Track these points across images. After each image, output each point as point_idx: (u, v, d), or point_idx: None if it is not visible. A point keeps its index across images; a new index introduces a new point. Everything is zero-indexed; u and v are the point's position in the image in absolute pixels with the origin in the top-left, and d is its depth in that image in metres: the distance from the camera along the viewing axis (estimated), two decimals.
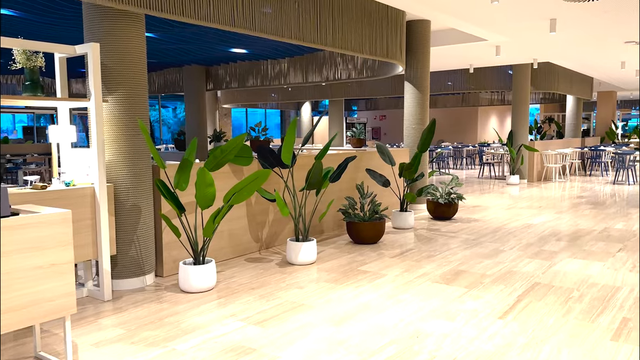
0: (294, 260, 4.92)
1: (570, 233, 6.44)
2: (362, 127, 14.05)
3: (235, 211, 5.20)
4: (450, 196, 7.43)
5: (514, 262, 5.03)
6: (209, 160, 4.18)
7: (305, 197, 5.08)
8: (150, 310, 3.74)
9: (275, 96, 17.85)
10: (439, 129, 25.16)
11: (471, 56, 10.58)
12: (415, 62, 8.19)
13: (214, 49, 9.33)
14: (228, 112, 25.62)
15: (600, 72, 13.73)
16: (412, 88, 8.26)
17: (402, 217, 6.77)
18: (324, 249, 5.62)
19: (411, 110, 8.30)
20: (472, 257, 5.26)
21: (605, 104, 19.52)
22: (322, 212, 6.40)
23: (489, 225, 7.03)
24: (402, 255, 5.32)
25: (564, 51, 10.15)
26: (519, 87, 12.16)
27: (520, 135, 12.23)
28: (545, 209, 8.32)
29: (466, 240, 6.07)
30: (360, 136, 14.05)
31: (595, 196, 9.85)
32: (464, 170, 16.44)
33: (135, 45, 4.15)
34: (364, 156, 7.20)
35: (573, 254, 5.34)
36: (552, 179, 13.06)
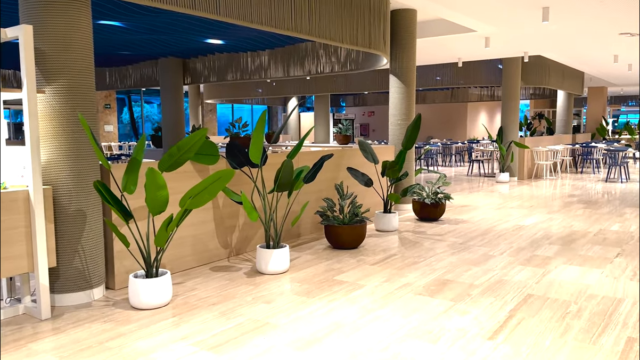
0: (263, 269, 4.46)
1: (563, 236, 6.04)
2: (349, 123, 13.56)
3: (200, 215, 4.73)
4: (437, 196, 7.01)
5: (504, 270, 4.61)
6: (163, 160, 3.70)
7: (277, 199, 4.62)
8: (92, 332, 3.27)
9: (261, 91, 17.35)
10: (428, 125, 24.78)
11: (460, 49, 10.16)
12: (401, 54, 7.75)
13: (189, 39, 8.82)
14: (213, 108, 25.07)
15: (592, 67, 13.39)
16: (397, 82, 7.82)
17: (385, 219, 6.33)
18: (300, 254, 5.17)
19: (396, 105, 7.86)
20: (459, 263, 4.83)
21: (595, 100, 19.23)
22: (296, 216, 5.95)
23: (477, 226, 6.61)
24: (384, 262, 4.88)
25: (556, 43, 9.77)
26: (509, 81, 11.77)
27: (510, 131, 11.85)
28: (536, 209, 7.93)
29: (453, 244, 5.64)
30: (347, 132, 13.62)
31: (587, 195, 9.49)
32: (453, 167, 16.07)
33: (80, 30, 3.65)
34: (346, 154, 6.75)
35: (568, 260, 4.93)
36: (542, 177, 12.70)
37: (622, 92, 22.77)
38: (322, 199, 5.48)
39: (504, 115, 11.90)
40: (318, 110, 16.59)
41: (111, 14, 6.69)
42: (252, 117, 28.06)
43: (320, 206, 5.42)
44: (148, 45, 9.44)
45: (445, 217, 7.35)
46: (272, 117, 28.59)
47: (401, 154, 6.43)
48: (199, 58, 10.88)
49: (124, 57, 11.01)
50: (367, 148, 6.49)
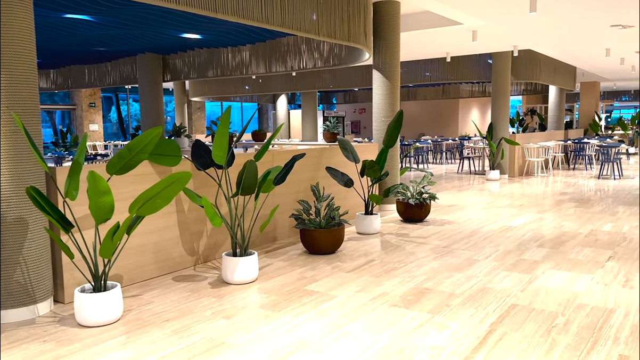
0: (229, 279, 4.14)
1: (553, 237, 5.75)
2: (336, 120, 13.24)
3: (163, 220, 4.40)
4: (422, 196, 6.71)
5: (488, 276, 4.31)
6: (112, 162, 3.38)
7: (245, 203, 4.30)
8: (27, 354, 2.94)
9: (248, 88, 17.00)
10: (419, 122, 24.50)
11: (447, 43, 9.85)
12: (384, 48, 7.43)
13: (165, 34, 8.47)
14: (202, 106, 24.67)
15: (584, 61, 13.12)
16: (380, 77, 7.51)
17: (366, 221, 6.02)
18: (272, 261, 4.85)
19: (380, 101, 7.55)
20: (441, 269, 4.53)
21: (588, 95, 18.99)
22: (265, 220, 5.63)
23: (463, 228, 6.31)
24: (361, 269, 4.57)
25: (546, 37, 9.48)
26: (498, 76, 11.48)
27: (500, 127, 11.56)
28: (526, 208, 7.64)
29: (436, 247, 5.34)
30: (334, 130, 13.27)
31: (579, 192, 9.21)
32: (444, 165, 15.79)
33: (15, 20, 3.31)
34: (326, 153, 6.43)
35: (557, 265, 4.64)
36: (534, 174, 12.43)
37: (614, 87, 22.55)
38: (297, 201, 5.16)
39: (494, 111, 11.61)
40: (305, 108, 16.27)
41: (76, 7, 6.34)
42: (242, 115, 27.69)
43: (296, 209, 5.10)
44: (123, 40, 9.08)
45: (431, 217, 7.05)
46: (262, 115, 28.24)
47: (382, 153, 6.12)
48: (179, 54, 10.53)
49: (101, 54, 10.64)
50: (348, 146, 6.17)
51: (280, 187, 5.67)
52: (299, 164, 5.95)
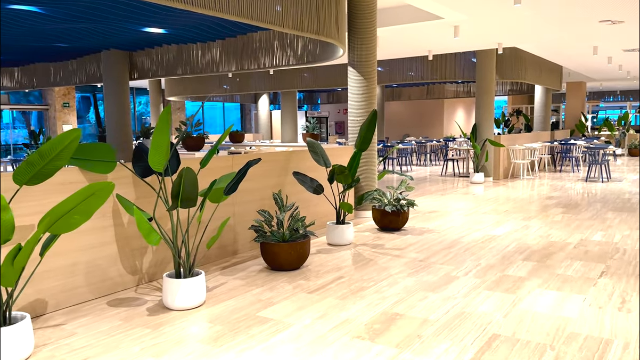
0: (170, 304, 3.60)
1: (539, 249, 5.28)
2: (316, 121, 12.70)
3: (98, 235, 3.84)
4: (400, 203, 6.21)
5: (467, 298, 3.82)
6: (20, 169, 2.83)
7: (191, 215, 3.76)
8: None
9: (227, 87, 16.42)
10: (404, 123, 24.08)
11: (429, 40, 9.38)
12: (359, 43, 6.93)
13: (127, 28, 7.89)
14: (182, 106, 24.01)
15: (571, 60, 12.75)
16: (356, 75, 7.00)
17: (337, 231, 5.51)
18: (227, 280, 4.31)
19: (356, 100, 7.05)
20: (415, 288, 4.03)
21: (574, 95, 18.69)
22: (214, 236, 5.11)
23: (443, 237, 5.82)
24: (325, 289, 4.05)
25: (531, 34, 9.04)
26: (483, 75, 11.04)
27: (484, 128, 11.12)
28: (510, 214, 7.18)
29: (412, 261, 4.84)
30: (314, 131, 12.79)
31: (567, 197, 8.79)
32: (428, 167, 15.34)
33: None
34: (294, 156, 5.91)
35: (544, 282, 4.16)
36: (519, 176, 12.02)
37: (601, 87, 22.31)
38: (257, 211, 4.63)
39: (478, 111, 11.17)
40: (285, 108, 15.73)
41: None
42: (224, 115, 27.08)
43: (256, 220, 4.57)
44: (85, 36, 8.48)
45: (410, 225, 6.56)
46: (245, 115, 27.66)
47: (355, 157, 5.61)
48: (146, 51, 9.94)
49: (65, 51, 10.02)
50: (318, 149, 5.66)
51: (242, 194, 5.14)
52: (263, 169, 5.42)
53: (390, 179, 11.95)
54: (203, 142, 9.98)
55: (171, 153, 3.79)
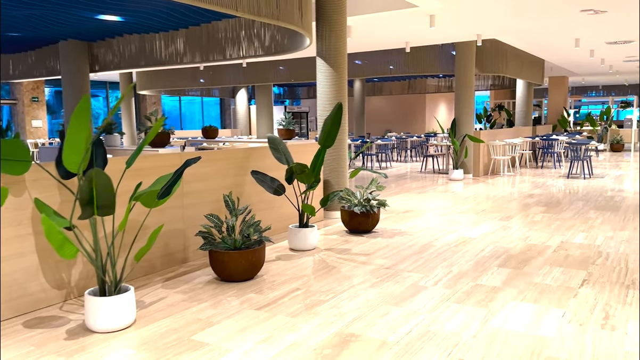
0: (92, 325, 3.13)
1: (517, 253, 4.89)
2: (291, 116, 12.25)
3: (14, 245, 3.35)
4: (369, 203, 5.79)
5: (434, 313, 3.40)
6: None
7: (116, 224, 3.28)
8: None
9: (204, 81, 15.87)
10: (385, 118, 23.70)
11: (405, 31, 8.96)
12: (328, 32, 6.48)
13: (81, 16, 7.34)
14: (157, 101, 23.36)
15: (552, 53, 12.43)
16: (325, 66, 6.55)
17: (300, 235, 5.06)
18: (168, 294, 3.85)
19: (325, 94, 6.60)
20: (378, 302, 3.61)
21: (556, 90, 18.45)
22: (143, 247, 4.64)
23: (415, 241, 5.42)
24: (277, 304, 3.61)
25: (511, 24, 8.66)
26: (462, 69, 10.66)
27: (464, 124, 10.75)
28: (488, 214, 6.80)
29: (379, 269, 4.42)
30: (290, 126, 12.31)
31: (547, 194, 8.45)
32: (409, 163, 14.96)
33: None
34: (255, 154, 5.45)
35: (520, 293, 3.76)
36: (500, 173, 11.69)
37: (583, 82, 22.15)
38: (205, 215, 4.16)
39: (458, 106, 10.79)
40: (260, 102, 15.23)
41: None
42: (203, 111, 26.47)
43: (204, 225, 4.11)
44: (37, 24, 7.91)
45: (381, 227, 6.14)
46: (224, 110, 27.07)
47: (319, 154, 5.17)
48: (107, 42, 9.38)
49: (20, 41, 9.42)
50: (280, 146, 5.21)
51: (193, 196, 4.67)
52: (219, 168, 4.95)
53: (369, 177, 11.54)
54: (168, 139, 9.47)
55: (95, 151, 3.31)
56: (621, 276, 4.13)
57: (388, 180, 10.75)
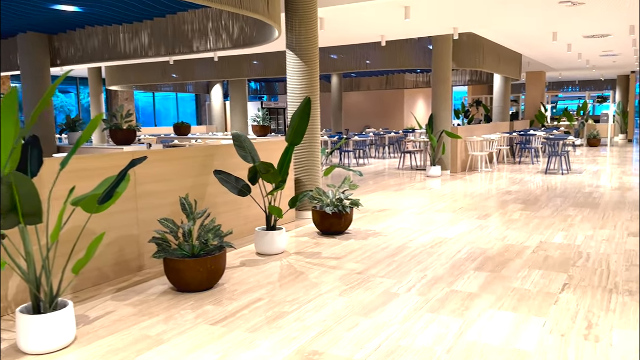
0: (24, 346, 2.78)
1: (494, 254, 4.66)
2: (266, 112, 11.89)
3: None
4: (342, 203, 5.51)
5: (406, 324, 3.14)
6: None
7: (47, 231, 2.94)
8: None
9: (176, 76, 15.40)
10: (364, 113, 23.48)
11: (379, 23, 8.69)
12: (298, 23, 6.17)
13: (37, 6, 6.90)
14: (130, 97, 22.73)
15: (530, 47, 12.30)
16: (295, 59, 6.25)
17: (267, 238, 4.76)
18: (117, 307, 3.51)
19: (296, 88, 6.30)
20: (346, 313, 3.33)
21: (534, 85, 18.42)
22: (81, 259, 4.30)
23: (389, 242, 5.16)
24: (236, 317, 3.30)
25: (488, 17, 8.46)
26: (439, 63, 10.44)
27: (441, 119, 10.54)
28: (465, 212, 6.59)
29: (349, 274, 4.14)
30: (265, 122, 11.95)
31: (525, 191, 8.28)
32: (387, 159, 14.74)
33: None
34: (219, 152, 5.12)
35: (497, 300, 3.52)
36: (477, 169, 11.52)
37: (560, 77, 22.21)
38: (159, 219, 3.83)
39: (435, 101, 10.58)
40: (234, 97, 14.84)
41: None
42: (178, 107, 25.91)
43: (157, 230, 3.78)
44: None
45: (355, 227, 5.87)
46: (200, 106, 26.56)
47: (287, 152, 4.87)
48: (68, 34, 8.92)
49: None
50: (245, 143, 4.89)
51: (148, 198, 4.33)
52: (179, 167, 4.62)
53: (345, 175, 11.27)
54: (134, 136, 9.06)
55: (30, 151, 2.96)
56: (603, 279, 3.92)
57: (365, 177, 10.50)
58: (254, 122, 13.29)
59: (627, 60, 15.50)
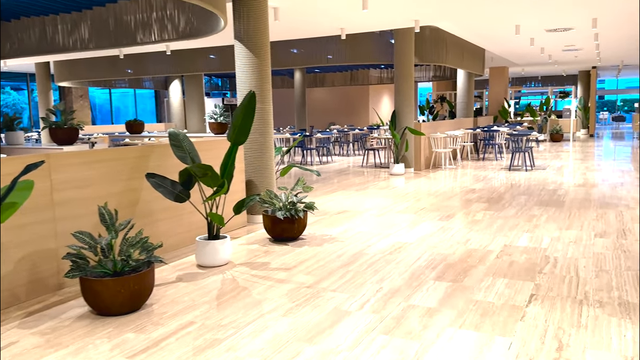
0: None
1: (456, 261, 4.32)
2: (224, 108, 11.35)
3: None
4: (295, 207, 5.08)
5: (356, 350, 2.73)
6: None
7: None
8: None
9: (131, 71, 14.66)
10: (329, 110, 23.10)
11: (337, 15, 8.28)
12: (246, 12, 5.70)
13: None
14: (85, 94, 21.77)
15: (492, 41, 12.11)
16: (244, 50, 5.78)
17: (209, 249, 4.29)
18: (21, 336, 2.99)
19: (246, 82, 5.83)
20: (288, 337, 2.90)
21: (497, 81, 18.37)
22: None
23: (346, 248, 4.76)
24: (159, 348, 2.83)
25: (449, 9, 8.15)
26: (401, 58, 10.11)
27: (404, 116, 10.22)
28: (427, 213, 6.25)
29: (298, 288, 3.72)
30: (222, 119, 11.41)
31: (489, 189, 8.02)
32: (351, 157, 14.38)
33: None
34: (156, 153, 4.62)
35: (458, 316, 3.15)
36: (442, 166, 11.27)
37: (523, 72, 22.31)
38: (73, 233, 3.32)
39: (398, 97, 10.25)
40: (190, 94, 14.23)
41: None
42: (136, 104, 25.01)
43: (72, 245, 3.28)
44: None
45: (310, 232, 5.46)
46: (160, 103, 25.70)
47: (230, 152, 4.40)
48: (2, 25, 8.19)
49: None
50: (183, 143, 4.40)
51: (68, 207, 3.80)
52: (107, 170, 4.10)
53: (304, 175, 10.84)
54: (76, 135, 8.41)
55: None
56: (572, 288, 3.61)
57: (327, 176, 10.10)
58: (210, 120, 12.73)
59: (589, 55, 15.55)
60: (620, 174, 9.31)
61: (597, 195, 7.20)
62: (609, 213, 6.04)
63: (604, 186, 7.98)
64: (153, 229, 4.58)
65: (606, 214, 6.02)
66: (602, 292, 3.52)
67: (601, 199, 6.96)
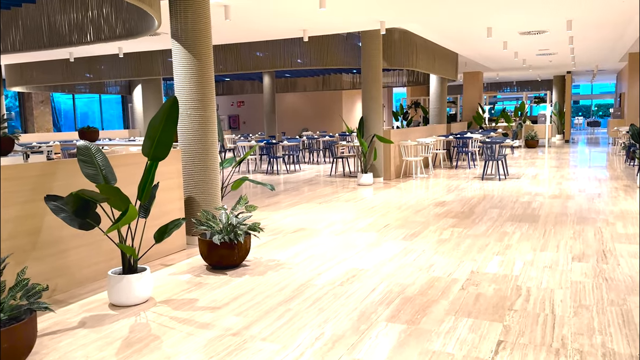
0: None
1: (415, 293, 3.71)
2: None
3: None
4: (235, 229, 4.43)
5: None
6: None
7: None
8: None
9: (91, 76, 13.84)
10: (302, 116, 22.48)
11: (296, 15, 7.68)
12: (183, 8, 5.06)
13: None
14: (46, 99, 20.77)
15: (464, 45, 11.65)
16: (182, 51, 5.13)
17: (122, 285, 3.61)
18: None
19: (183, 86, 5.17)
20: None
21: (471, 86, 18.00)
22: None
23: (291, 278, 4.13)
24: None
25: (416, 9, 7.61)
26: (368, 61, 9.56)
27: (373, 122, 9.66)
28: (391, 231, 5.66)
29: (222, 336, 3.07)
30: None
31: (460, 201, 7.48)
32: (321, 165, 13.77)
33: None
34: (65, 169, 3.93)
35: None
36: (412, 176, 10.73)
37: (497, 77, 22.02)
38: None
39: (365, 103, 9.69)
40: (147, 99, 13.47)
41: None
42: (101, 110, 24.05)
43: None
44: None
45: (256, 257, 4.81)
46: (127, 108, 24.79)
47: (149, 170, 3.74)
48: None
49: None
50: (96, 159, 3.72)
51: None
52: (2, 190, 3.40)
53: (261, 190, 10.18)
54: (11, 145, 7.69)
55: None
56: (547, 331, 3.03)
57: (290, 187, 9.47)
58: None
59: (563, 60, 15.24)
60: (597, 183, 8.88)
61: (573, 209, 6.70)
62: (586, 230, 5.53)
63: (580, 198, 7.51)
64: (60, 260, 3.88)
65: (584, 231, 5.50)
66: (582, 336, 2.95)
67: (578, 212, 6.46)
